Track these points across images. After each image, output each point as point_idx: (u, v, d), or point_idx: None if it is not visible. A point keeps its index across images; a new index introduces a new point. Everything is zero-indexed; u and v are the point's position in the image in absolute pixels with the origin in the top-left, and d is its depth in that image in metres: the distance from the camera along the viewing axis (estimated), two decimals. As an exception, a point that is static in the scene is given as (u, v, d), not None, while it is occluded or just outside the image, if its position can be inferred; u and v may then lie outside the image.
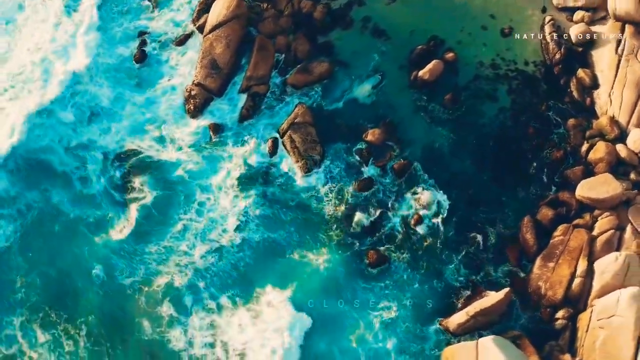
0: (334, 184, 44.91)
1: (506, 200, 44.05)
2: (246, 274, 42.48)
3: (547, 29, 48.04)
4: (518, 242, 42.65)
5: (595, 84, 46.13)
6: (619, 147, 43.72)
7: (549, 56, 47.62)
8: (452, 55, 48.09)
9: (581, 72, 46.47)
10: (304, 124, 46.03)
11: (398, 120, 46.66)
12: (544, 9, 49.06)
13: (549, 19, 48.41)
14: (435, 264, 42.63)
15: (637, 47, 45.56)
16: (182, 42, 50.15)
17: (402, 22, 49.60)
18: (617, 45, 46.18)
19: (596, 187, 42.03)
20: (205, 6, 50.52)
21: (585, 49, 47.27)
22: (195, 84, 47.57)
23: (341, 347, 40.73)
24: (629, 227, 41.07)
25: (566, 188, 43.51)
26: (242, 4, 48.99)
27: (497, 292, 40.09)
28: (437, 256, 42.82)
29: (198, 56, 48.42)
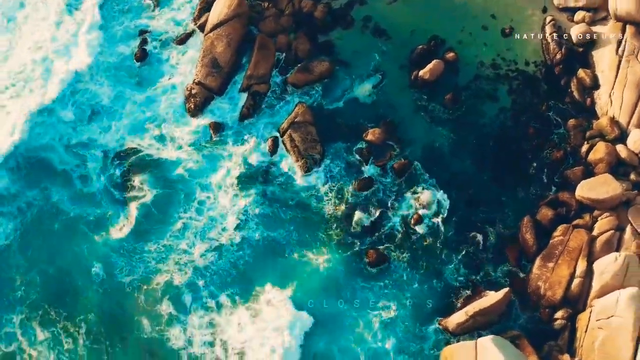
0: (333, 183, 44.93)
1: (506, 200, 44.07)
2: (246, 272, 42.53)
3: (548, 29, 48.00)
4: (518, 242, 42.69)
5: (596, 85, 46.11)
6: (619, 147, 43.71)
7: (549, 56, 47.58)
8: (453, 55, 48.08)
9: (582, 72, 46.46)
10: (304, 123, 46.04)
11: (398, 119, 46.69)
12: (545, 9, 49.02)
13: (550, 19, 48.37)
14: (435, 263, 42.67)
15: (637, 48, 45.49)
16: (183, 41, 50.17)
17: (403, 21, 49.61)
18: (618, 45, 46.13)
19: (596, 188, 42.01)
20: (206, 5, 50.54)
21: (586, 50, 47.25)
22: (196, 82, 47.58)
23: (340, 346, 40.76)
24: (628, 228, 41.07)
25: (566, 188, 43.53)
26: (243, 2, 49.00)
27: (496, 292, 40.15)
28: (436, 256, 42.87)
29: (199, 55, 48.46)
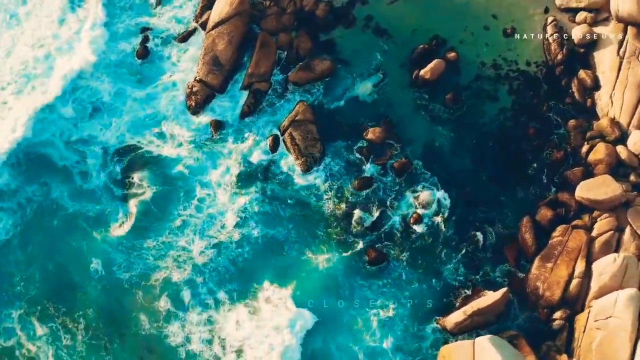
0: (333, 182, 44.95)
1: (505, 200, 44.05)
2: (245, 270, 42.59)
3: (550, 30, 47.90)
4: (517, 242, 42.69)
5: (597, 85, 46.03)
6: (619, 148, 43.67)
7: (550, 57, 47.52)
8: (454, 54, 48.01)
9: (583, 73, 46.38)
10: (305, 121, 46.06)
11: (399, 119, 46.68)
12: (547, 10, 48.90)
13: (552, 19, 48.27)
14: (434, 263, 42.69)
15: (639, 49, 45.34)
16: (184, 39, 50.16)
17: (405, 21, 49.52)
18: (619, 46, 46.01)
19: (595, 189, 41.98)
20: (208, 3, 50.46)
21: (587, 50, 47.15)
22: (197, 80, 47.62)
23: (338, 344, 40.84)
24: (628, 229, 41.03)
25: (566, 189, 43.48)
26: (245, 1, 48.88)
27: (494, 292, 40.18)
28: (435, 255, 42.89)
29: (200, 53, 48.44)
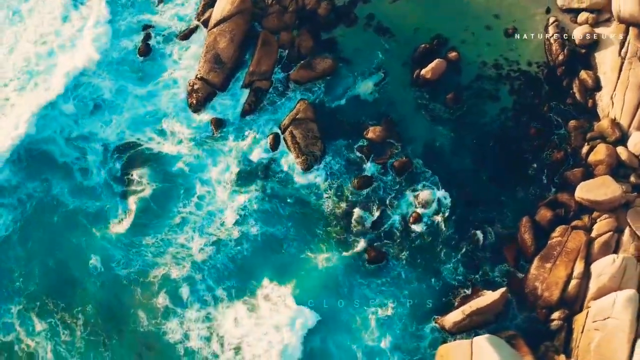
0: (333, 181, 44.99)
1: (505, 200, 44.03)
2: (244, 267, 42.67)
3: (551, 30, 47.84)
4: (516, 242, 42.67)
5: (598, 86, 45.97)
6: (620, 149, 43.61)
7: (552, 57, 47.47)
8: (455, 54, 48.00)
9: (584, 73, 46.34)
10: (306, 120, 46.11)
11: (399, 118, 46.68)
12: (548, 10, 48.86)
13: (553, 20, 48.22)
14: (433, 262, 42.71)
15: (640, 50, 45.46)
16: (186, 37, 50.26)
17: (406, 20, 49.52)
18: (621, 47, 45.93)
19: (595, 189, 41.93)
20: (210, 1, 50.53)
21: (589, 51, 47.10)
22: (199, 78, 47.71)
23: (337, 342, 40.89)
24: (627, 230, 40.99)
25: (565, 189, 43.43)
26: (247, -1, 49.17)
27: (493, 291, 40.17)
28: (435, 254, 42.91)
29: (202, 50, 48.51)
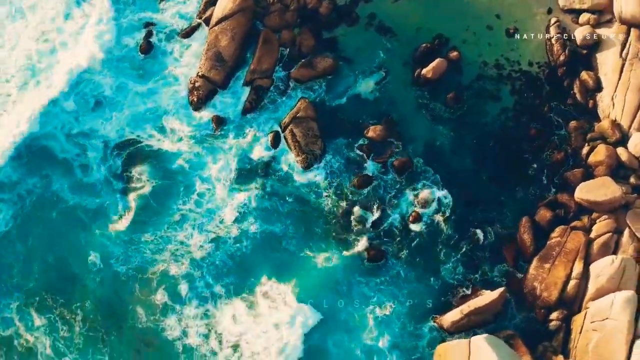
0: (333, 179, 45.02)
1: (505, 200, 44.05)
2: (243, 265, 42.75)
3: (553, 31, 47.81)
4: (515, 242, 42.71)
5: (599, 87, 45.95)
6: (620, 150, 43.60)
7: (553, 57, 47.44)
8: (456, 54, 47.98)
9: (585, 74, 46.32)
10: (306, 118, 46.15)
11: (400, 117, 46.69)
12: (550, 10, 48.82)
13: (555, 20, 48.18)
14: (432, 261, 42.74)
15: (642, 51, 45.42)
16: (188, 34, 50.28)
17: (408, 19, 49.48)
18: (622, 48, 45.90)
19: (595, 190, 41.93)
20: (212, -1, 50.77)
21: (590, 52, 47.06)
22: (200, 76, 47.75)
23: (335, 340, 40.97)
24: (626, 231, 41.00)
25: (565, 190, 43.46)
26: (248, -3, 49.21)
27: (492, 291, 40.17)
28: (434, 254, 42.95)
29: (203, 48, 48.52)
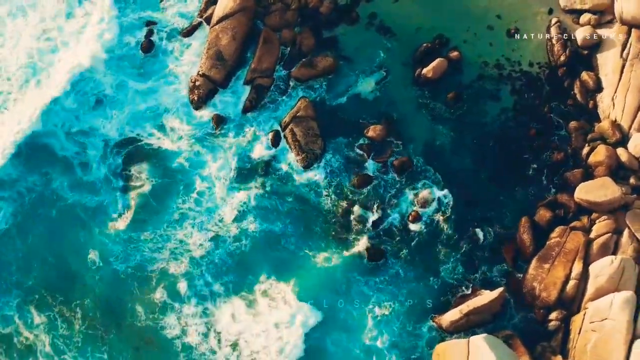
0: (333, 179, 45.05)
1: (505, 200, 44.06)
2: (242, 263, 42.80)
3: (553, 31, 47.80)
4: (515, 242, 42.72)
5: (599, 87, 45.95)
6: (620, 151, 43.61)
7: (553, 58, 47.43)
8: (457, 54, 47.98)
9: (585, 75, 46.32)
10: (306, 117, 46.18)
11: (400, 117, 46.71)
12: (551, 11, 48.80)
13: (555, 20, 48.17)
14: (432, 261, 42.79)
15: (642, 52, 45.41)
16: (188, 33, 50.27)
17: (409, 19, 49.45)
18: (623, 49, 45.89)
19: (595, 191, 41.95)
20: (213, -3, 50.78)
21: (591, 52, 47.05)
22: (200, 74, 47.77)
23: (334, 340, 41.03)
24: (626, 231, 41.01)
25: (565, 190, 43.48)
26: (249, -4, 49.22)
27: (491, 291, 40.20)
28: (434, 253, 42.99)
29: (204, 47, 48.52)
